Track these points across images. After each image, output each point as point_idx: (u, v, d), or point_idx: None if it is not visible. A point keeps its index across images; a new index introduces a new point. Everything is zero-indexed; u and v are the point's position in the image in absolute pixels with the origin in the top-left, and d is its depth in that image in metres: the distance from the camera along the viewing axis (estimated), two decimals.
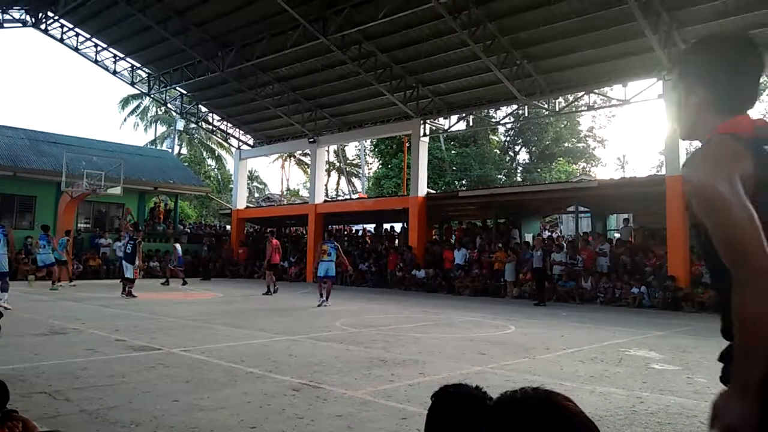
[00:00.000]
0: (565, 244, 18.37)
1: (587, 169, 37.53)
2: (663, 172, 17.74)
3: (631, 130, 73.35)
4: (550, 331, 9.88)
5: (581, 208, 21.31)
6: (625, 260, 16.38)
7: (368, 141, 37.39)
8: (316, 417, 4.30)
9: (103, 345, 7.27)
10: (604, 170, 45.70)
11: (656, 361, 6.99)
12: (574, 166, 36.80)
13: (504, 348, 7.83)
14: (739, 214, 1.31)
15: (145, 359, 6.40)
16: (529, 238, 20.78)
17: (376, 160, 40.18)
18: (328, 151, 38.91)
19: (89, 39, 23.12)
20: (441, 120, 21.49)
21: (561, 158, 36.17)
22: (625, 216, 20.18)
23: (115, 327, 8.86)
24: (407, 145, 24.87)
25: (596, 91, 18.01)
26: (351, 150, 46.23)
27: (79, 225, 24.02)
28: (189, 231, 29.49)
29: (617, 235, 20.01)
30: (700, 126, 1.56)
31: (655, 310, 14.08)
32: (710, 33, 1.85)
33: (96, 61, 23.65)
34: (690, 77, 1.59)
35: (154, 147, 40.22)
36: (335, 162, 45.04)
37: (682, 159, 15.45)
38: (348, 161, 46.05)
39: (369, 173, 41.95)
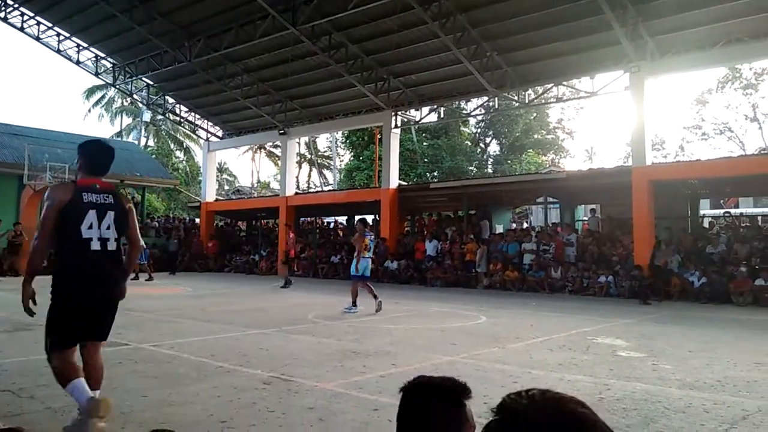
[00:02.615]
0: (533, 234, 18.60)
1: (556, 160, 38.02)
2: (629, 163, 18.07)
3: (599, 122, 74.57)
4: (520, 320, 10.01)
5: (550, 199, 21.59)
6: (593, 250, 16.66)
7: (339, 133, 37.23)
8: (287, 410, 4.29)
9: None
10: (573, 161, 46.42)
11: (622, 349, 7.13)
12: (543, 157, 37.24)
13: (475, 338, 7.91)
14: (46, 214, 3.55)
15: (112, 355, 6.27)
16: (500, 228, 21.02)
17: (348, 151, 40.06)
18: (299, 143, 38.64)
19: (51, 28, 22.41)
20: (412, 112, 21.48)
21: (531, 150, 36.56)
22: (593, 207, 20.52)
23: None
24: (378, 136, 24.81)
25: (565, 83, 18.21)
26: (322, 142, 46.06)
27: None
28: (157, 224, 29.02)
29: (581, 225, 20.36)
30: (79, 175, 3.79)
31: (622, 298, 14.37)
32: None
33: (58, 51, 22.96)
34: (80, 154, 3.82)
35: (120, 139, 39.39)
36: (306, 154, 44.76)
37: (648, 150, 15.80)
38: (319, 153, 45.81)
39: (340, 165, 41.81)
